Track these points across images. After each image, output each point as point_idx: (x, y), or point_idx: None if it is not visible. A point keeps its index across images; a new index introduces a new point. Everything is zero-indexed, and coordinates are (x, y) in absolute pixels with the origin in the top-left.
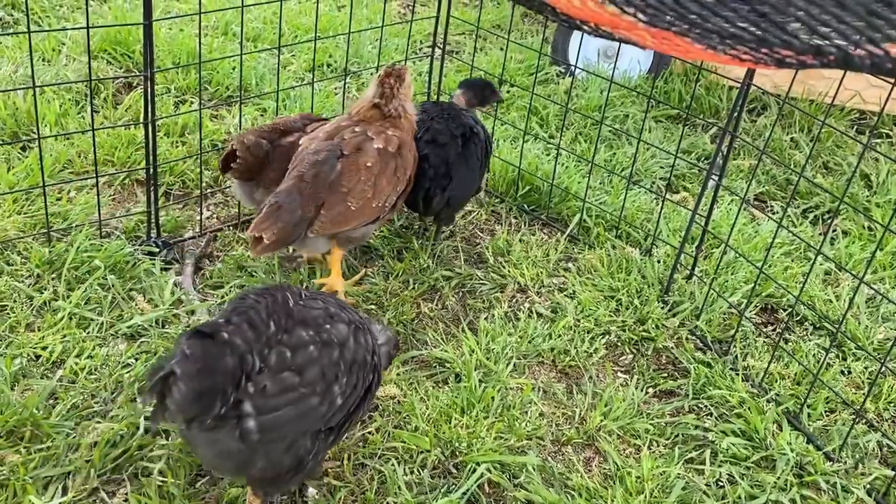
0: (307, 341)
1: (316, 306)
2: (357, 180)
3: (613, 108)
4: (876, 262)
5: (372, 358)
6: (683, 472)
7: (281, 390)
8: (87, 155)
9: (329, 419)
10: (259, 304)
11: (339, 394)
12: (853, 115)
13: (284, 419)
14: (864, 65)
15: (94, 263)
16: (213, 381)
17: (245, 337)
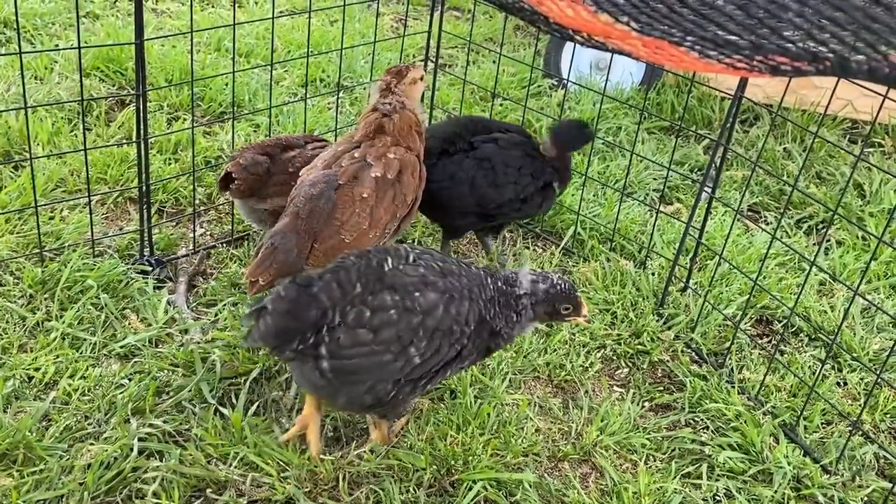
0: (389, 305)
1: (412, 273)
2: (351, 213)
3: (606, 120)
4: (870, 273)
5: (465, 326)
6: (680, 487)
7: (353, 344)
8: (79, 173)
9: (409, 373)
10: (353, 266)
11: (415, 355)
12: (846, 124)
13: (355, 367)
14: (861, 70)
15: (87, 283)
16: (294, 324)
17: (331, 294)
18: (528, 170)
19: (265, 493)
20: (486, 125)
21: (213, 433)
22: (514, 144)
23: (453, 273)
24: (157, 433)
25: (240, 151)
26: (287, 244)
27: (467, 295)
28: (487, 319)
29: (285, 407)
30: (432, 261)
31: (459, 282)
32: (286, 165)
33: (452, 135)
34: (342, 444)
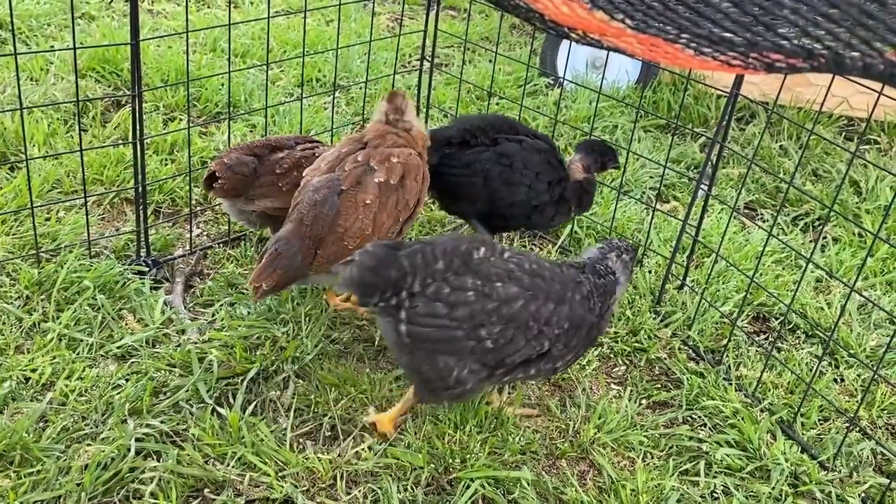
0: (469, 287)
1: (500, 265)
2: (355, 219)
3: (602, 118)
4: (866, 269)
5: (545, 327)
6: (678, 484)
7: (428, 314)
8: (75, 174)
9: (482, 356)
10: (441, 245)
11: (487, 338)
12: (841, 121)
13: (428, 336)
14: (856, 67)
15: (84, 284)
16: (373, 279)
17: (413, 262)
18: (545, 177)
19: (263, 493)
20: (514, 126)
21: (210, 433)
22: (537, 150)
23: (543, 276)
24: (155, 433)
25: (227, 151)
26: (291, 250)
27: (554, 298)
28: (587, 316)
29: (283, 406)
30: (525, 261)
31: (548, 286)
32: (273, 167)
33: (476, 128)
34: (339, 443)
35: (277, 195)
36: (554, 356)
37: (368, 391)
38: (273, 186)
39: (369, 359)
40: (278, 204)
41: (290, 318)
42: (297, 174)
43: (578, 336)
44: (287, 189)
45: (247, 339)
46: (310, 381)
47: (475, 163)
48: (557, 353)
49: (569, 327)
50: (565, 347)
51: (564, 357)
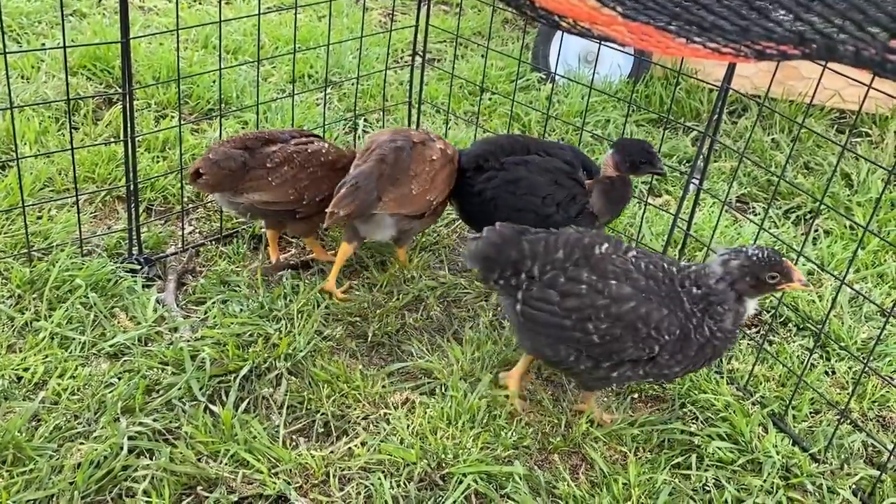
0: (583, 280)
1: (619, 264)
2: (423, 169)
3: (594, 113)
4: (857, 262)
5: (653, 331)
6: (670, 478)
7: (541, 299)
8: (67, 173)
9: (588, 349)
10: (564, 236)
11: (594, 333)
12: (833, 114)
13: (539, 320)
14: (847, 53)
15: (76, 282)
16: (494, 256)
17: (534, 248)
18: (553, 199)
19: (256, 490)
20: (527, 146)
21: (203, 431)
22: (544, 170)
23: (660, 280)
24: (147, 431)
25: (217, 143)
26: (369, 185)
27: (668, 304)
28: (691, 335)
29: (276, 403)
30: (647, 262)
31: (665, 290)
32: (265, 160)
33: (488, 152)
34: (332, 440)
35: (266, 189)
36: (659, 363)
37: (361, 387)
38: (263, 180)
39: (362, 355)
40: (267, 198)
41: (282, 316)
42: (288, 169)
43: (688, 348)
44: (277, 184)
45: (239, 337)
46: (302, 378)
47: (485, 191)
48: (663, 361)
49: (679, 336)
50: (672, 358)
51: (671, 368)
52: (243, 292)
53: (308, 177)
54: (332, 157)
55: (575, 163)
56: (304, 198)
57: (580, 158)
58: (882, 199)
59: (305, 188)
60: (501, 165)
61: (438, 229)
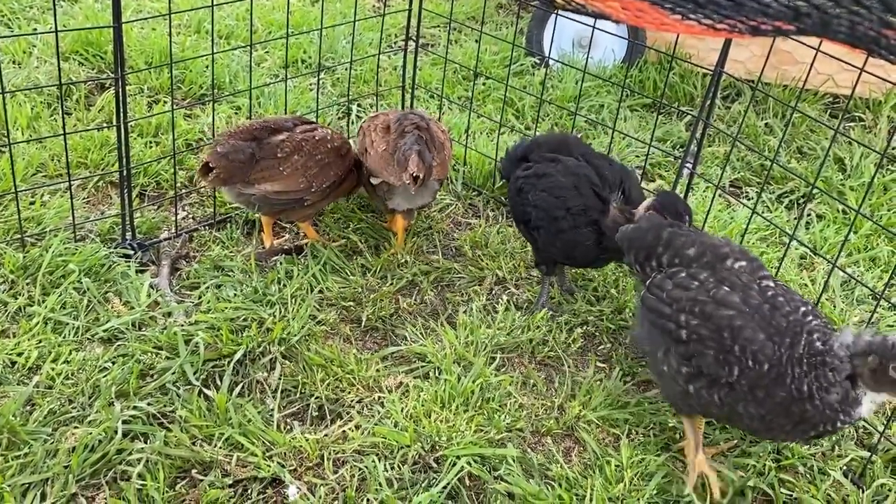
0: (699, 279)
1: (742, 279)
2: (444, 138)
3: (588, 98)
4: (850, 246)
5: (739, 350)
6: (663, 460)
7: (657, 286)
8: (59, 158)
9: (676, 344)
10: (703, 239)
11: (684, 325)
12: (826, 99)
13: (649, 305)
14: (843, 28)
15: (69, 267)
16: (634, 239)
17: (672, 240)
18: (564, 203)
19: (250, 473)
20: (571, 147)
21: (197, 414)
22: (572, 174)
23: (779, 310)
24: (142, 415)
25: (224, 136)
26: (425, 148)
27: (773, 335)
28: (785, 381)
29: (270, 387)
30: (777, 294)
31: (775, 319)
32: (275, 150)
33: (535, 145)
34: (326, 423)
35: (278, 179)
36: (736, 393)
37: (355, 371)
38: (274, 170)
39: (356, 339)
40: (279, 188)
41: (276, 300)
42: (298, 157)
43: (775, 393)
44: (288, 173)
45: (233, 321)
46: (296, 362)
47: (518, 179)
48: (741, 392)
49: (769, 373)
50: (751, 393)
51: (748, 406)
52: (237, 277)
53: (316, 164)
54: (338, 143)
55: (610, 180)
56: (314, 186)
57: (623, 181)
58: (874, 182)
59: (315, 176)
60: (540, 159)
61: (432, 214)
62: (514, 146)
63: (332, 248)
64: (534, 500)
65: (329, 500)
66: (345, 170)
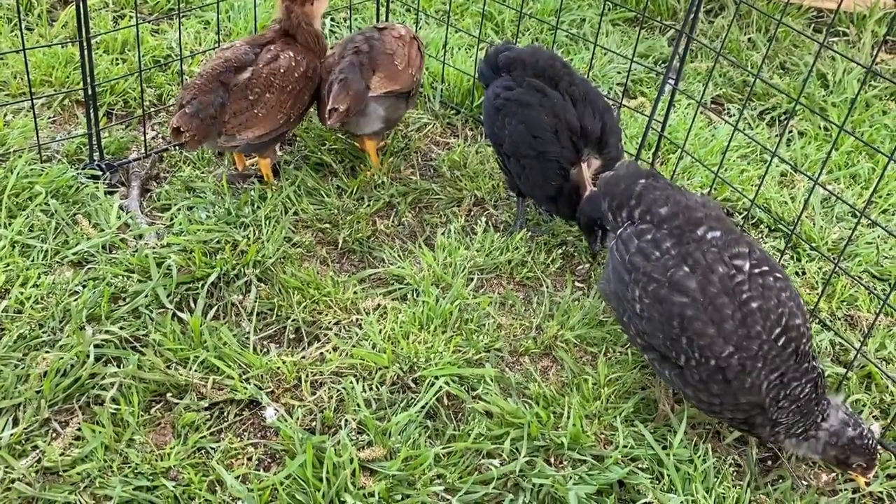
0: (661, 249)
1: (710, 257)
2: (397, 46)
3: (570, 12)
4: (831, 163)
5: (686, 344)
6: (640, 377)
7: (625, 242)
8: (22, 76)
9: (632, 314)
10: (680, 199)
11: (637, 300)
12: (811, 13)
13: (616, 261)
14: None
15: (36, 189)
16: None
17: (645, 194)
18: (540, 144)
19: (226, 395)
20: (558, 77)
21: (171, 338)
22: (554, 114)
23: (739, 307)
24: (114, 339)
25: (189, 91)
26: (355, 76)
27: (720, 330)
28: (764, 397)
29: (245, 310)
30: (760, 285)
31: (733, 317)
32: (245, 93)
33: (520, 60)
34: (303, 346)
35: (257, 123)
36: (686, 379)
37: (332, 294)
38: (250, 114)
39: (333, 262)
40: (260, 131)
41: (250, 222)
42: (271, 95)
43: (726, 392)
44: (264, 114)
45: (206, 244)
46: (272, 284)
47: (498, 96)
48: (691, 379)
49: (715, 369)
50: (705, 384)
51: (700, 393)
52: (209, 198)
53: (289, 96)
54: (303, 66)
55: (589, 132)
56: (292, 117)
57: (605, 130)
58: (857, 99)
59: (291, 108)
60: (523, 82)
61: (409, 133)
62: (495, 49)
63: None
64: (511, 418)
65: (307, 421)
66: (314, 89)
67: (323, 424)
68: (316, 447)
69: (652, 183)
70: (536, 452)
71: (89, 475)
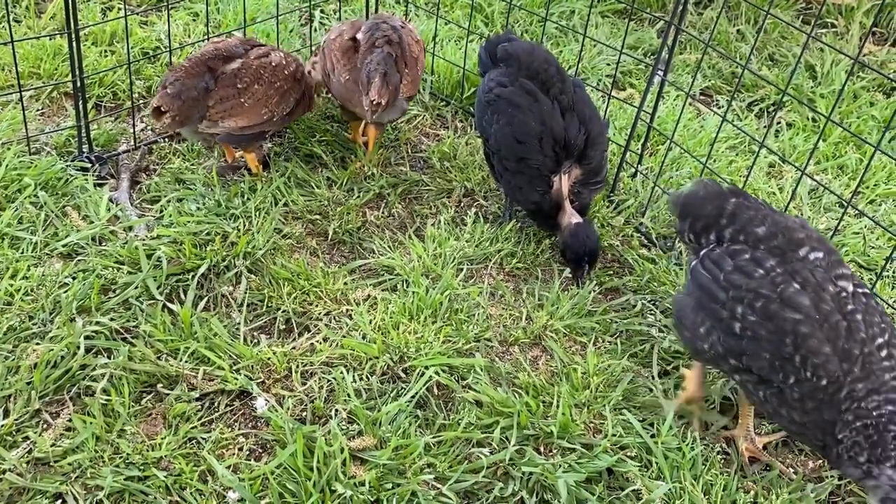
0: (765, 267)
1: (818, 276)
2: (417, 49)
3: (559, 3)
4: (818, 154)
5: (798, 359)
6: (628, 366)
7: (715, 263)
8: (10, 68)
9: (726, 335)
10: (777, 219)
11: (739, 318)
12: (799, 4)
13: (701, 282)
14: None
15: (25, 181)
16: (691, 206)
17: (737, 213)
18: (524, 150)
19: (217, 386)
20: (550, 82)
21: (161, 329)
22: (541, 121)
23: (851, 332)
24: (105, 331)
25: (175, 73)
26: (391, 68)
27: (838, 347)
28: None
29: (235, 302)
30: (853, 304)
31: (848, 336)
32: (233, 80)
33: (514, 56)
34: (294, 336)
35: (242, 113)
36: (784, 398)
37: (322, 285)
38: (235, 103)
39: (323, 253)
40: (243, 123)
41: (240, 214)
42: (259, 87)
43: (822, 412)
44: (250, 105)
45: (196, 235)
46: (262, 276)
47: (490, 91)
48: (790, 398)
49: (825, 387)
50: (801, 402)
51: (790, 414)
52: (199, 190)
53: (277, 92)
54: (293, 67)
55: (573, 145)
56: (275, 115)
57: (587, 142)
58: (845, 90)
59: (276, 105)
60: (515, 82)
61: (399, 125)
62: (496, 38)
63: (276, 179)
64: (501, 408)
65: (297, 411)
66: (300, 94)
67: (313, 414)
68: (306, 437)
69: (743, 202)
70: (526, 441)
71: (80, 465)
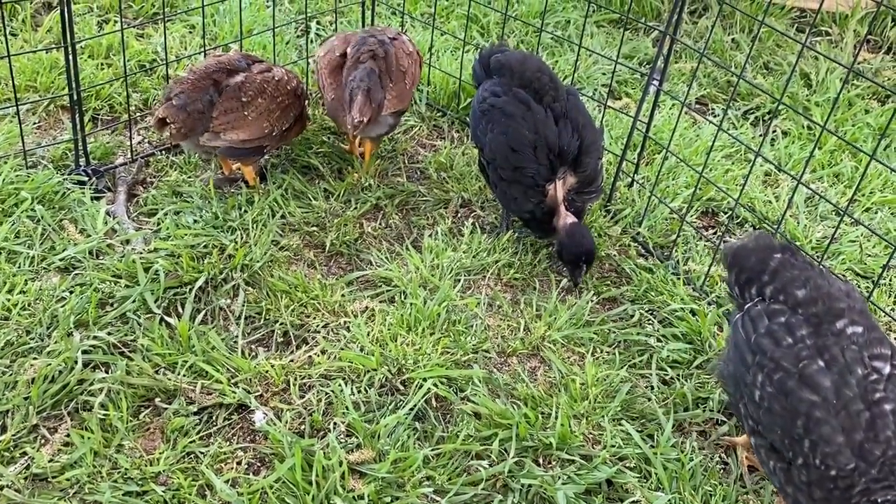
0: (795, 336)
1: (848, 355)
2: (409, 62)
3: (554, 14)
4: (814, 162)
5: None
6: (627, 376)
7: (753, 320)
8: (7, 81)
9: (748, 398)
10: (821, 283)
11: (758, 387)
12: (793, 13)
13: (738, 337)
14: None
15: (22, 195)
16: (738, 257)
17: (781, 269)
18: (517, 160)
19: (215, 400)
20: (544, 92)
21: (159, 343)
22: (535, 130)
23: (874, 424)
24: (102, 345)
25: (179, 84)
26: (375, 84)
27: (853, 440)
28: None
29: (233, 314)
30: (884, 392)
31: (862, 425)
32: (238, 94)
33: (507, 67)
34: (292, 349)
35: (244, 126)
36: (791, 478)
37: (320, 297)
38: (239, 115)
39: (320, 264)
40: (245, 136)
41: (237, 226)
42: (262, 100)
43: (829, 499)
44: (253, 118)
45: (193, 248)
46: (260, 288)
47: (485, 100)
48: (797, 479)
49: (833, 478)
50: (805, 487)
51: (795, 494)
52: (196, 203)
53: (278, 107)
54: (293, 83)
55: (566, 154)
56: (275, 130)
57: (581, 149)
58: (840, 98)
59: (277, 119)
60: (509, 91)
61: (396, 136)
62: (489, 50)
63: (273, 191)
64: (500, 419)
65: (296, 424)
66: (299, 111)
67: (312, 427)
68: (305, 450)
69: (789, 259)
70: (525, 453)
71: (78, 481)
